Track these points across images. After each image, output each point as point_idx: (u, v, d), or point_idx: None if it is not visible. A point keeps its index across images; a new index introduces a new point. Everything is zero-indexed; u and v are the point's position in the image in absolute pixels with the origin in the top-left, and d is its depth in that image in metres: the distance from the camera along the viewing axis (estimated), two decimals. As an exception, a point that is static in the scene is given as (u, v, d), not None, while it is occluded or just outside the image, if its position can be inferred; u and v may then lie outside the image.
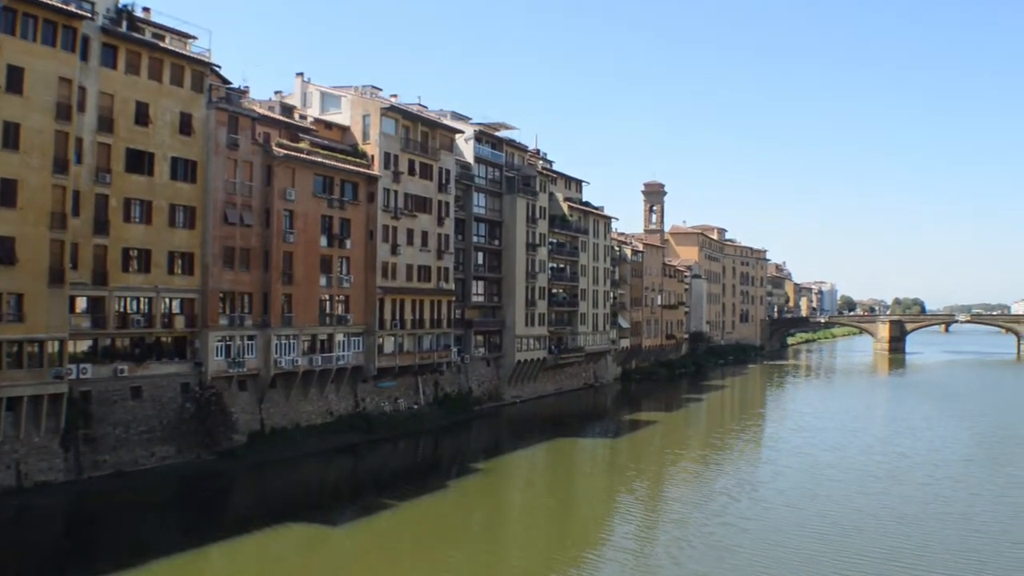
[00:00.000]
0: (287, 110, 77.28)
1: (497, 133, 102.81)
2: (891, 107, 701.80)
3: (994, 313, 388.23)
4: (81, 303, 56.55)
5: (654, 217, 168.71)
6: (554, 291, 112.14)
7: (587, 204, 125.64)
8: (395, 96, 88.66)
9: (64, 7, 51.98)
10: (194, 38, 65.46)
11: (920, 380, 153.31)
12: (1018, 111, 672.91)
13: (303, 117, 79.23)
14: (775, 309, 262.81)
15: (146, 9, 63.49)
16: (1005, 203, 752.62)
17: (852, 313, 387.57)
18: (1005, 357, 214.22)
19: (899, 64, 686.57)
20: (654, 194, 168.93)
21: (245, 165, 66.85)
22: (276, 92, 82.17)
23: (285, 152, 69.57)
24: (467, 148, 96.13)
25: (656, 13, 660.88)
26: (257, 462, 63.70)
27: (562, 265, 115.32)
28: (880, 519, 52.64)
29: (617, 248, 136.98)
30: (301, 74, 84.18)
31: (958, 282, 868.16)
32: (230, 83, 69.56)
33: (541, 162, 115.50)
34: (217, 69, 66.98)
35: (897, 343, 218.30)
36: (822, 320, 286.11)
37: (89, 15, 54.70)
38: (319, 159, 72.80)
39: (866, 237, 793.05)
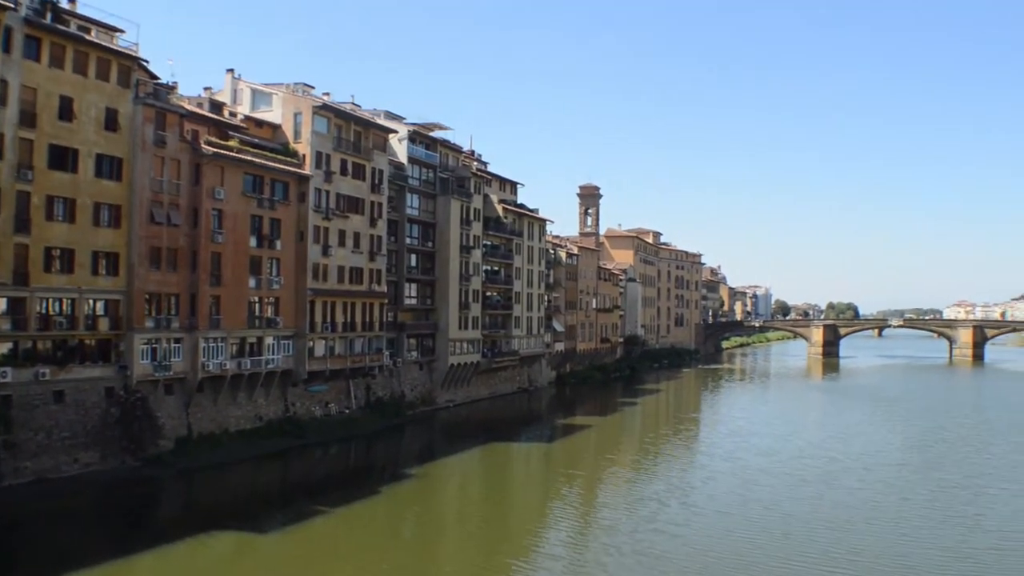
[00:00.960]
0: (216, 107, 77.51)
1: (431, 133, 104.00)
2: (824, 111, 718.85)
3: (927, 318, 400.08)
4: (0, 304, 56.13)
5: (589, 220, 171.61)
6: (488, 294, 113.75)
7: (522, 206, 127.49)
8: (328, 94, 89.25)
9: (-14, -2, 51.73)
10: (121, 31, 65.43)
11: (853, 384, 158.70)
12: (950, 114, 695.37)
13: (233, 114, 79.47)
14: (710, 313, 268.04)
15: (71, 0, 63.26)
16: (937, 208, 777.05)
17: (787, 317, 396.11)
18: (937, 361, 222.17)
19: (829, 67, 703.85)
20: (589, 197, 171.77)
21: (173, 163, 66.93)
22: (206, 88, 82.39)
23: (214, 150, 69.84)
24: (401, 148, 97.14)
25: (588, 17, 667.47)
26: (184, 468, 63.93)
27: (496, 268, 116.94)
28: (810, 524, 54.46)
29: (552, 251, 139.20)
30: (232, 70, 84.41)
31: (892, 287, 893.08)
32: (158, 78, 69.47)
33: (476, 163, 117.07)
34: (145, 64, 66.79)
35: (831, 347, 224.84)
36: (757, 324, 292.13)
37: (12, 5, 54.41)
38: (249, 157, 73.21)
39: (801, 241, 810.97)
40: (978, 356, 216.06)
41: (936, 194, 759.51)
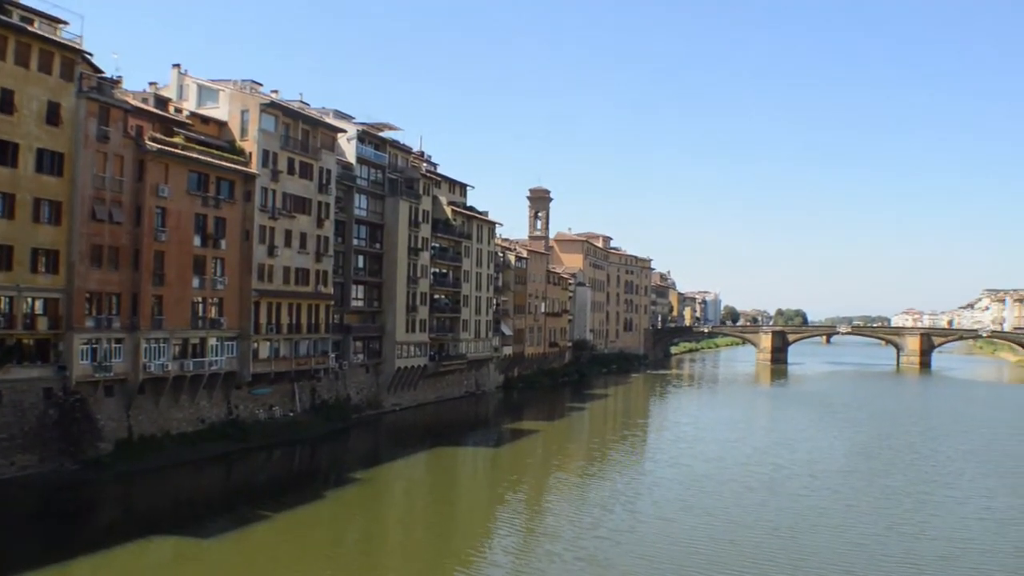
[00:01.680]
0: (162, 102, 77.22)
1: (381, 133, 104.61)
2: (775, 117, 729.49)
3: (875, 325, 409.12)
4: (-64, 302, 55.80)
5: (539, 223, 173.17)
6: (436, 297, 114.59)
7: (471, 209, 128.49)
8: (276, 92, 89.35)
9: (-74, -12, 51.43)
10: (65, 23, 65.24)
11: (801, 391, 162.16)
12: (903, 121, 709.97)
13: (178, 110, 79.25)
14: (659, 318, 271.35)
15: (13, -10, 62.86)
16: (886, 217, 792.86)
17: (736, 323, 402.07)
18: (885, 368, 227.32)
19: (783, 71, 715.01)
20: (539, 200, 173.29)
21: (116, 159, 66.82)
22: (151, 83, 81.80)
23: (158, 146, 69.78)
24: (349, 148, 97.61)
25: (540, 21, 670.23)
26: (124, 471, 63.92)
27: (445, 270, 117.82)
28: (755, 531, 55.47)
29: (501, 254, 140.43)
30: (178, 65, 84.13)
31: (841, 294, 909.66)
32: (102, 72, 69.15)
33: (425, 164, 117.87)
34: (89, 57, 66.65)
35: (779, 354, 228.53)
36: (706, 330, 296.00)
37: (-49, -4, 54.20)
38: (194, 155, 73.36)
39: (751, 248, 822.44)
40: (925, 364, 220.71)
41: (885, 202, 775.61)
